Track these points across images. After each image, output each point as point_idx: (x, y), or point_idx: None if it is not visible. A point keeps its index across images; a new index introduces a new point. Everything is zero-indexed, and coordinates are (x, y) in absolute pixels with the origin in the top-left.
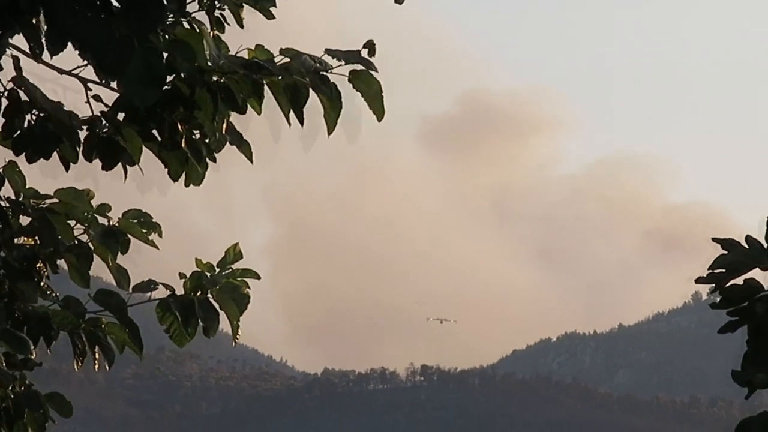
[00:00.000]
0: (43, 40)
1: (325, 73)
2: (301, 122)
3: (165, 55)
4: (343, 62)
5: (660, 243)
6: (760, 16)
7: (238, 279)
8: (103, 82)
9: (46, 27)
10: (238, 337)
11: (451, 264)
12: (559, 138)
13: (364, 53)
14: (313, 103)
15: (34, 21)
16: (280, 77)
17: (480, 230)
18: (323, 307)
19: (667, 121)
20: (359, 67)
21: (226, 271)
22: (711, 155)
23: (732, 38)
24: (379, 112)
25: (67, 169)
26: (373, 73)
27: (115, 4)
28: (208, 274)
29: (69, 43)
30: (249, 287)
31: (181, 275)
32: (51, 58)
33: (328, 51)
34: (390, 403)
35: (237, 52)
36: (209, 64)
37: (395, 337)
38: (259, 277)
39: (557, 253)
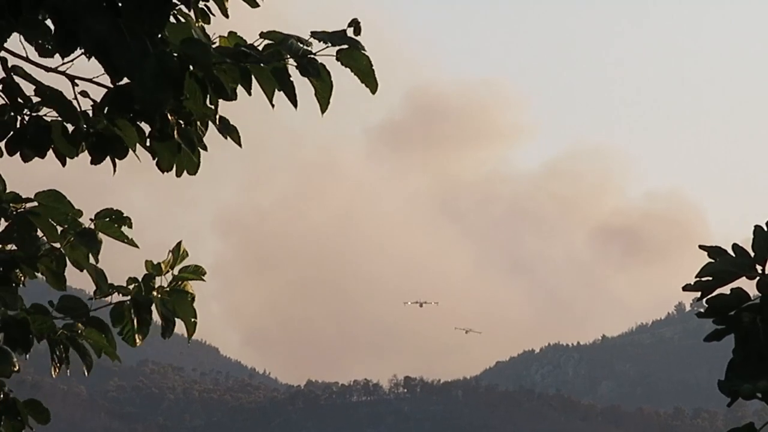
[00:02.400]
0: (42, 39)
1: (312, 56)
2: (295, 104)
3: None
4: (329, 44)
5: (624, 242)
6: (717, 4)
7: (189, 275)
8: (92, 78)
9: (54, 29)
10: (193, 335)
11: (417, 270)
12: (513, 133)
13: (350, 32)
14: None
15: (37, 19)
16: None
17: (440, 235)
18: (299, 318)
19: (623, 113)
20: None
21: (178, 270)
22: (669, 146)
23: (688, 28)
24: (372, 85)
25: (63, 164)
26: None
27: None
28: (160, 276)
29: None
30: (203, 279)
31: (131, 279)
32: (63, 59)
33: (313, 33)
34: (373, 414)
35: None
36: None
37: (378, 348)
38: (204, 273)
39: (521, 258)
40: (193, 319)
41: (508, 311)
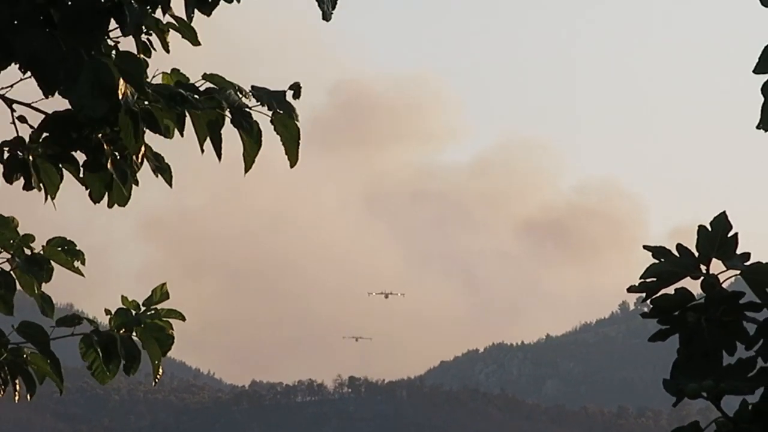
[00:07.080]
0: None
1: (248, 110)
2: (219, 156)
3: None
4: (265, 106)
5: (559, 237)
6: None
7: (163, 319)
8: (30, 103)
9: None
10: (158, 376)
11: (354, 269)
12: (442, 128)
13: (289, 96)
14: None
15: None
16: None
17: (373, 233)
18: (240, 319)
19: (554, 105)
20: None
21: (151, 312)
22: (602, 139)
23: (621, 17)
24: (293, 158)
25: None
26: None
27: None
28: (133, 312)
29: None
30: (173, 328)
31: (107, 311)
32: None
33: (254, 89)
34: (318, 415)
35: (153, 76)
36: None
37: (321, 349)
38: (183, 319)
39: (456, 256)
40: (157, 362)
41: (447, 310)
